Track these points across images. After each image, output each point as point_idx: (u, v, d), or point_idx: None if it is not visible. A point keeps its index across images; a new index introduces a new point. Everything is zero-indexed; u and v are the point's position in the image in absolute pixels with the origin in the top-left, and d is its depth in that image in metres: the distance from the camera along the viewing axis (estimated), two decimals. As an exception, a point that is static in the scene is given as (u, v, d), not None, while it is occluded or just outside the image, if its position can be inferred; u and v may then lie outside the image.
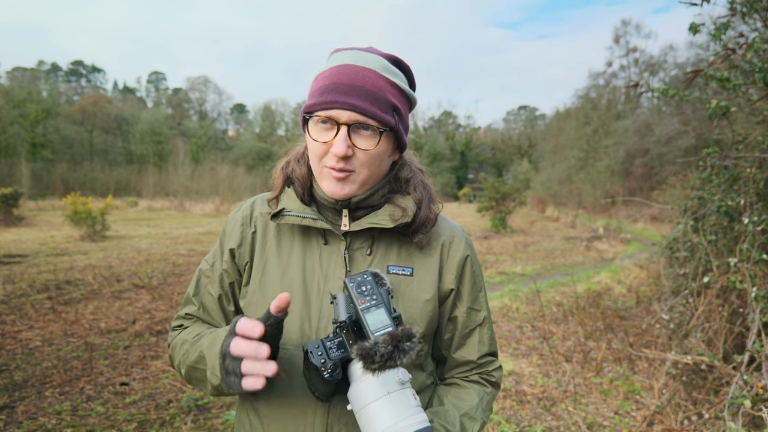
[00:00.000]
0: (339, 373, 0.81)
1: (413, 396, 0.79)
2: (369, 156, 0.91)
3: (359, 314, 0.78)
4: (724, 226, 3.53)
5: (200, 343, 0.92)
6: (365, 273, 0.82)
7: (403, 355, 0.71)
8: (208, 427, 3.14)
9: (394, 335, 0.72)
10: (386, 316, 0.77)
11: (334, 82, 0.89)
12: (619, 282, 7.78)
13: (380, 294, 0.80)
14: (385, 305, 0.79)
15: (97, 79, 69.92)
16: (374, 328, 0.76)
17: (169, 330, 1.08)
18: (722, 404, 2.65)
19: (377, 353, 0.70)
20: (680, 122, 22.27)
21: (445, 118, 64.33)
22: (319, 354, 0.81)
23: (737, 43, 2.95)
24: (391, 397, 0.76)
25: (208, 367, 0.87)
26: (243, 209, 1.08)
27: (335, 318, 0.82)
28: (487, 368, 1.06)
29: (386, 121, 0.90)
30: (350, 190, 0.93)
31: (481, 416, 0.99)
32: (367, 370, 0.72)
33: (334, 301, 0.84)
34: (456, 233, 1.07)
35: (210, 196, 29.46)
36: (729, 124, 3.25)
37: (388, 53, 0.98)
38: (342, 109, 0.87)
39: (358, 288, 0.80)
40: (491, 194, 16.20)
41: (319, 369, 0.80)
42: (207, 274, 1.06)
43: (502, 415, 3.43)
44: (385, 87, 0.91)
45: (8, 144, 36.96)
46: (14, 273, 7.66)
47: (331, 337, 0.83)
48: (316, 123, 0.91)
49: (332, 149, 0.89)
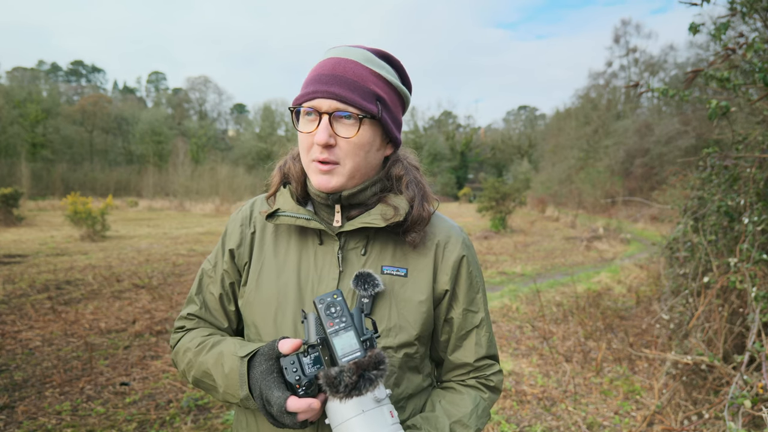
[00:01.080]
0: (314, 389, 0.80)
1: (390, 413, 0.78)
2: (351, 145, 0.91)
3: (327, 338, 0.77)
4: (724, 226, 3.53)
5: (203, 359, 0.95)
6: (335, 293, 0.80)
7: (369, 384, 0.71)
8: (208, 427, 3.14)
9: (360, 364, 0.72)
10: (355, 340, 0.76)
11: (317, 74, 0.91)
12: (619, 282, 7.78)
13: (350, 316, 0.78)
14: (354, 328, 0.77)
15: (97, 79, 69.93)
16: (342, 353, 0.75)
17: (172, 331, 1.08)
18: (722, 404, 2.65)
19: (341, 383, 0.71)
20: (680, 122, 22.26)
21: (445, 118, 64.31)
22: (294, 371, 0.79)
23: (737, 43, 2.95)
24: (366, 415, 0.75)
25: (220, 385, 0.91)
26: (243, 210, 1.09)
27: (305, 339, 0.81)
28: (485, 372, 1.04)
29: (367, 108, 0.90)
30: (337, 182, 0.93)
31: (475, 423, 0.97)
32: (333, 397, 0.72)
33: (304, 321, 0.83)
34: (452, 233, 1.05)
35: (210, 196, 29.46)
36: (729, 124, 3.25)
37: (375, 48, 0.98)
38: (323, 98, 0.88)
39: (327, 309, 0.78)
40: (491, 194, 16.20)
41: (293, 386, 0.79)
42: (209, 274, 1.07)
43: (502, 415, 3.43)
44: (366, 76, 0.92)
45: (8, 144, 36.95)
46: (14, 273, 7.66)
47: (309, 351, 0.81)
48: (303, 116, 0.92)
49: (314, 138, 0.89)
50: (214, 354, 0.93)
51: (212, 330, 1.04)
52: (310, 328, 0.80)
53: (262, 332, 0.98)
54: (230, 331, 1.07)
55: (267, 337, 0.96)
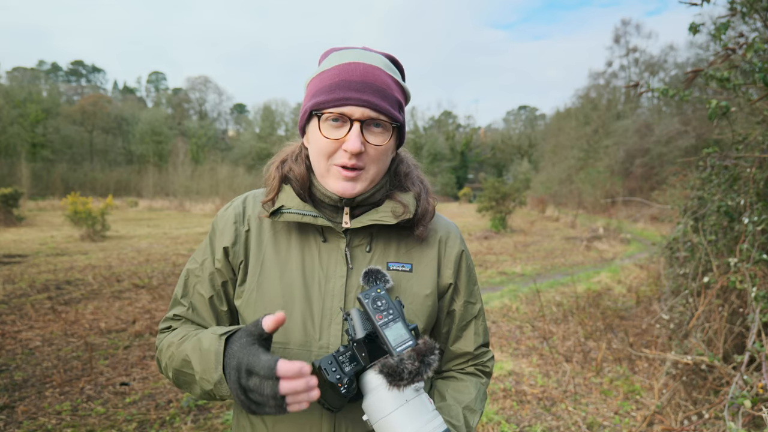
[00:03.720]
0: (355, 387, 0.80)
1: (428, 401, 0.80)
2: (379, 152, 0.93)
3: (378, 330, 0.78)
4: (724, 226, 3.53)
5: (184, 346, 0.90)
6: (378, 287, 0.82)
7: (429, 369, 0.73)
8: (208, 427, 3.14)
9: (419, 350, 0.74)
10: (405, 330, 0.78)
11: (344, 79, 0.90)
12: (619, 282, 7.77)
13: (395, 307, 0.81)
14: (401, 319, 0.80)
15: (97, 79, 69.98)
16: (395, 343, 0.77)
17: (158, 333, 1.05)
18: (722, 404, 2.65)
19: (405, 370, 0.72)
20: (680, 122, 22.26)
21: (445, 118, 64.34)
22: (334, 370, 0.79)
23: (737, 43, 2.95)
24: (409, 405, 0.76)
25: (197, 371, 0.84)
26: (235, 206, 1.05)
27: (351, 336, 0.81)
28: (482, 359, 1.09)
29: (396, 117, 0.92)
30: (361, 187, 0.94)
31: (479, 407, 1.02)
32: (393, 386, 0.72)
33: (348, 318, 0.83)
34: (451, 229, 1.09)
35: (210, 196, 29.47)
36: (729, 124, 3.25)
37: (384, 52, 1.00)
38: (356, 106, 0.88)
39: (374, 303, 0.80)
40: (491, 194, 16.21)
41: (335, 385, 0.79)
42: (196, 274, 1.03)
43: (502, 415, 3.43)
44: (391, 84, 0.93)
45: (8, 144, 36.97)
46: (14, 273, 7.66)
47: (342, 350, 0.82)
48: (325, 120, 0.91)
49: (346, 146, 0.89)
50: (194, 340, 0.89)
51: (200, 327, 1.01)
52: (356, 324, 0.81)
53: None
54: None
55: (273, 339, 0.94)
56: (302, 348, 0.93)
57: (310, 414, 0.92)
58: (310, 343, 0.93)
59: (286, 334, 0.94)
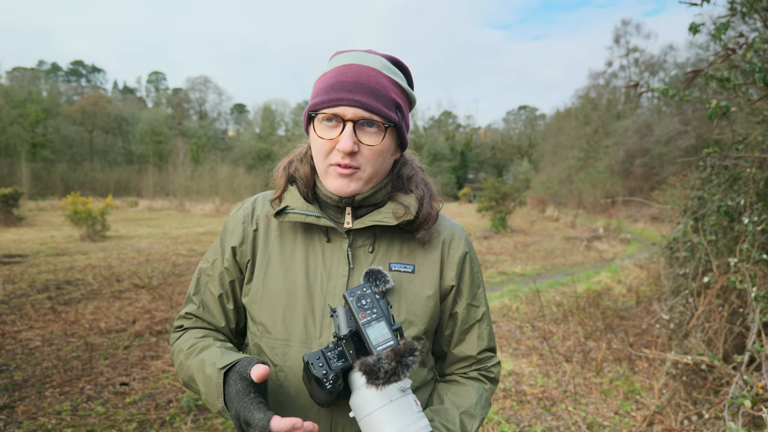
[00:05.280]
0: (341, 383, 0.81)
1: (414, 402, 0.80)
2: (373, 152, 0.93)
3: (360, 329, 0.78)
4: (724, 226, 3.53)
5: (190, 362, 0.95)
6: (364, 286, 0.82)
7: (406, 370, 0.73)
8: (208, 427, 3.14)
9: (397, 350, 0.73)
10: (387, 330, 0.78)
11: (338, 81, 0.91)
12: (619, 282, 7.78)
13: (380, 307, 0.81)
14: (385, 318, 0.80)
15: (97, 79, 69.92)
16: (376, 342, 0.77)
17: (171, 331, 1.09)
18: (722, 404, 2.65)
19: (381, 369, 0.72)
20: (680, 122, 22.25)
21: (445, 118, 64.33)
22: (320, 365, 0.81)
23: (737, 43, 2.95)
24: (393, 405, 0.77)
25: (202, 392, 0.90)
26: (244, 207, 1.09)
27: (335, 332, 0.82)
28: (486, 364, 1.08)
29: (390, 117, 0.93)
30: (356, 187, 0.95)
31: (480, 413, 1.01)
32: (370, 385, 0.73)
33: (333, 315, 0.84)
34: (456, 231, 1.09)
35: (210, 196, 29.46)
36: (729, 124, 3.24)
37: (387, 54, 1.01)
38: (348, 106, 0.90)
39: (358, 302, 0.80)
40: (491, 194, 16.21)
41: (320, 380, 0.80)
42: (207, 273, 1.07)
43: (502, 415, 3.43)
44: (387, 85, 0.94)
45: (8, 144, 36.94)
46: (14, 273, 7.66)
47: (331, 347, 0.83)
48: (321, 121, 0.93)
49: (339, 145, 0.91)
50: (198, 360, 0.93)
51: (207, 331, 1.04)
52: (341, 321, 0.82)
53: (271, 330, 0.99)
54: (228, 330, 1.07)
55: (277, 335, 0.98)
56: (303, 345, 0.95)
57: (307, 411, 0.93)
58: (311, 341, 0.95)
59: (289, 331, 0.97)
